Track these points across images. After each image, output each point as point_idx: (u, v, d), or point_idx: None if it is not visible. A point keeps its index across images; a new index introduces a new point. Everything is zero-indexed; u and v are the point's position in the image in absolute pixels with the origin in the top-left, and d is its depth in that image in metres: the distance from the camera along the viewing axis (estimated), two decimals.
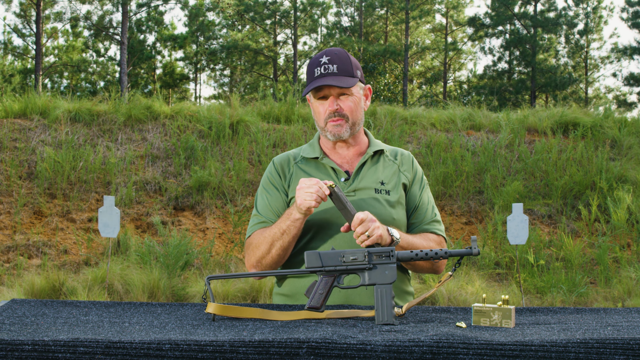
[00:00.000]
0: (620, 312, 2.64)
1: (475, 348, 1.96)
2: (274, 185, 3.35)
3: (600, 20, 40.80)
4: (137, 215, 12.15)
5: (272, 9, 37.88)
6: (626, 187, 12.86)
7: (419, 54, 42.07)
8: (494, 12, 38.96)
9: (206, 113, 14.41)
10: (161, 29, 39.09)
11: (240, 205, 12.36)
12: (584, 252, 11.81)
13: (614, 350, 1.95)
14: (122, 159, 13.06)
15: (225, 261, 11.07)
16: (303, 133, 14.20)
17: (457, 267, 2.61)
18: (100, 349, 1.93)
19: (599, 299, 10.28)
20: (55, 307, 2.69)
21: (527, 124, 15.31)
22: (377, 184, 3.27)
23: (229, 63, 40.46)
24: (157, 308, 2.72)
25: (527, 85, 38.00)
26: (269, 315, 2.52)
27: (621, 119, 15.67)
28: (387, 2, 38.30)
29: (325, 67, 3.17)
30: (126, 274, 9.90)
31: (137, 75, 39.38)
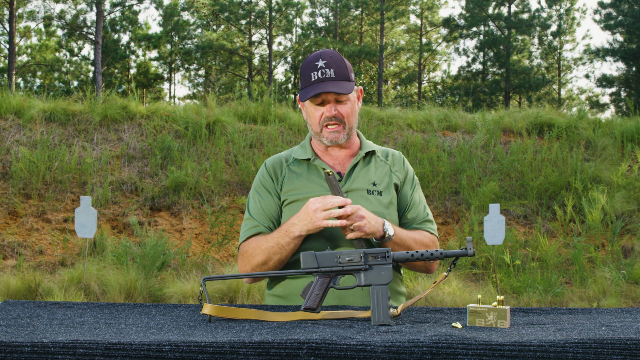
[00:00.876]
0: (612, 312, 2.66)
1: (474, 348, 1.96)
2: (266, 189, 3.34)
3: (573, 21, 41.13)
4: (113, 215, 12.08)
5: (247, 9, 37.84)
6: (600, 187, 12.95)
7: (394, 55, 42.19)
8: (468, 13, 39.16)
9: (182, 113, 14.35)
10: (135, 28, 38.96)
11: (217, 206, 12.33)
12: (560, 252, 11.88)
13: (612, 350, 1.97)
14: (98, 159, 12.98)
15: (202, 262, 11.03)
16: (280, 133, 14.19)
17: (453, 267, 2.62)
18: (100, 350, 1.91)
19: (575, 298, 10.35)
20: (49, 308, 2.67)
21: (503, 125, 15.39)
22: (369, 184, 3.28)
23: (204, 63, 40.38)
24: (152, 309, 2.71)
25: (501, 86, 38.22)
26: (264, 316, 2.51)
27: (595, 120, 15.79)
28: (362, 3, 38.38)
29: (322, 72, 3.14)
30: (103, 274, 9.83)
31: (111, 75, 39.21)
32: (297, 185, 3.28)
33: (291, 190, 3.28)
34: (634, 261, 11.35)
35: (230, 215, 12.07)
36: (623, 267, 11.17)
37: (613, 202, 12.69)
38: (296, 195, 3.25)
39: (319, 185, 3.25)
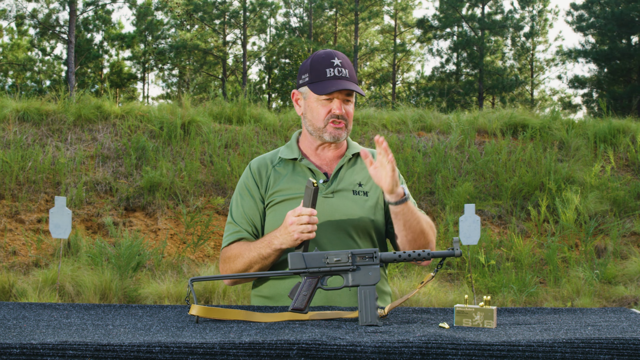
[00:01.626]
0: (597, 312, 2.68)
1: (463, 349, 1.97)
2: (249, 192, 3.34)
3: (546, 23, 41.38)
4: (87, 216, 12.01)
5: (222, 8, 37.74)
6: (574, 188, 13.05)
7: (368, 55, 42.25)
8: (442, 14, 39.30)
9: (157, 113, 14.29)
10: (109, 27, 38.74)
11: (193, 206, 12.29)
12: (534, 252, 11.95)
13: (599, 350, 1.98)
14: (72, 159, 12.90)
15: (177, 262, 11.00)
16: (255, 134, 14.17)
17: (440, 268, 2.63)
18: (89, 352, 1.90)
19: (549, 298, 10.41)
20: (34, 309, 2.66)
21: (477, 126, 15.46)
22: (355, 185, 3.29)
23: (178, 63, 40.22)
24: (138, 310, 2.69)
25: (475, 87, 38.40)
26: (252, 317, 2.51)
27: (568, 121, 15.90)
28: (337, 3, 38.40)
29: (339, 70, 3.19)
30: (77, 275, 9.78)
31: (84, 75, 38.96)
32: (283, 187, 3.28)
33: (277, 191, 3.28)
34: (607, 261, 11.44)
35: (205, 216, 12.04)
36: (596, 267, 11.26)
37: (586, 203, 12.79)
38: (282, 196, 3.26)
39: (303, 186, 3.24)
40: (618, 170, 14.26)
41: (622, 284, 10.83)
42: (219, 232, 12.04)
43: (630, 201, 13.14)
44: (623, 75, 38.26)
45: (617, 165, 14.44)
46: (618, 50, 37.21)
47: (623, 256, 11.90)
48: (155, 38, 39.67)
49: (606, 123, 15.30)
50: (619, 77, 38.50)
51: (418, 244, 3.17)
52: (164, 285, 9.65)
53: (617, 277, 11.08)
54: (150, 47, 39.34)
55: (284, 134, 14.34)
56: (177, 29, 39.79)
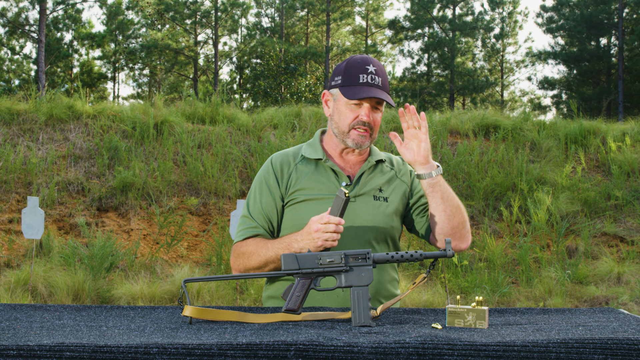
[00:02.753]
0: (585, 313, 2.71)
1: (459, 349, 1.99)
2: (268, 188, 3.32)
3: (516, 24, 41.74)
4: (59, 216, 11.92)
5: (193, 8, 37.65)
6: (545, 188, 13.14)
7: (340, 56, 42.30)
8: (414, 15, 39.47)
9: (129, 113, 14.21)
10: (79, 27, 38.49)
11: (166, 206, 12.24)
12: (506, 252, 12.02)
13: (593, 350, 2.01)
14: (44, 159, 12.79)
15: (150, 262, 10.95)
16: (228, 134, 14.14)
17: (432, 269, 2.65)
18: (87, 353, 1.89)
19: (521, 298, 10.48)
20: (25, 311, 2.64)
21: (450, 126, 15.52)
22: (376, 190, 3.31)
23: (149, 62, 40.06)
24: (130, 311, 2.69)
25: (446, 88, 38.59)
26: (245, 318, 2.51)
27: (540, 122, 16.00)
28: (308, 4, 38.43)
29: (372, 77, 3.19)
30: (50, 276, 9.71)
31: (54, 74, 38.68)
32: (305, 185, 3.28)
33: (299, 190, 3.27)
34: (578, 261, 11.54)
35: (179, 216, 11.99)
36: (568, 267, 11.36)
37: (558, 203, 12.89)
38: (304, 195, 3.26)
39: (326, 187, 3.26)
40: (589, 171, 14.38)
41: (593, 284, 10.93)
42: (192, 232, 12.00)
43: (600, 202, 13.26)
44: (592, 77, 38.64)
45: (588, 166, 14.57)
46: (587, 52, 37.58)
47: (594, 256, 12.01)
48: (125, 37, 39.50)
49: (577, 124, 15.42)
50: (588, 78, 38.89)
51: (457, 219, 3.20)
52: (138, 285, 9.61)
53: (588, 277, 11.18)
54: (121, 46, 39.16)
55: (257, 134, 14.32)
56: (148, 29, 39.64)
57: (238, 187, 12.82)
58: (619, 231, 12.70)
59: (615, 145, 14.77)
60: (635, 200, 13.32)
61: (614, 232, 12.68)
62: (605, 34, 38.08)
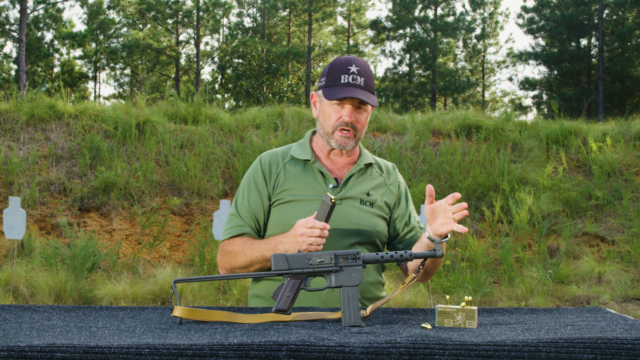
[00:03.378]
0: (573, 312, 2.73)
1: (450, 349, 2.00)
2: (256, 187, 3.34)
3: (497, 25, 41.91)
4: (41, 216, 11.87)
5: (175, 8, 37.56)
6: (527, 188, 13.20)
7: (322, 56, 42.33)
8: (395, 16, 39.54)
9: (111, 113, 14.16)
10: (59, 26, 38.31)
11: (148, 207, 12.20)
12: (488, 252, 12.07)
13: (583, 349, 2.02)
14: (25, 159, 12.73)
15: (132, 263, 10.92)
16: (211, 134, 14.11)
17: (421, 269, 2.66)
18: (78, 354, 1.88)
19: (503, 298, 10.53)
20: (14, 311, 2.63)
21: (432, 127, 15.56)
22: (363, 194, 3.31)
23: (130, 62, 39.92)
24: (119, 312, 2.68)
25: (428, 88, 38.68)
26: (235, 318, 2.51)
27: (521, 123, 16.07)
28: (290, 4, 38.43)
29: (354, 77, 3.18)
30: (31, 276, 9.66)
31: (34, 74, 38.50)
32: (292, 186, 3.29)
33: (285, 190, 3.29)
34: (559, 261, 11.60)
35: (161, 216, 11.96)
36: (549, 267, 11.41)
37: (539, 203, 12.95)
38: (290, 196, 3.27)
39: (313, 188, 3.27)
40: (570, 172, 14.46)
41: (574, 283, 10.99)
42: (175, 232, 11.98)
43: (581, 202, 13.33)
44: (572, 77, 38.85)
45: (569, 166, 14.65)
46: (568, 52, 37.79)
47: (575, 256, 12.07)
48: (107, 37, 39.37)
49: (558, 125, 15.50)
50: (569, 79, 39.10)
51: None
52: (120, 286, 9.57)
53: (569, 276, 11.24)
54: (102, 46, 39.02)
55: (239, 134, 14.30)
56: (130, 28, 39.50)
57: (221, 187, 12.81)
58: (600, 231, 12.78)
59: (596, 145, 14.85)
60: (616, 200, 13.41)
61: (595, 232, 12.75)
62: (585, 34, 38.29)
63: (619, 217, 13.03)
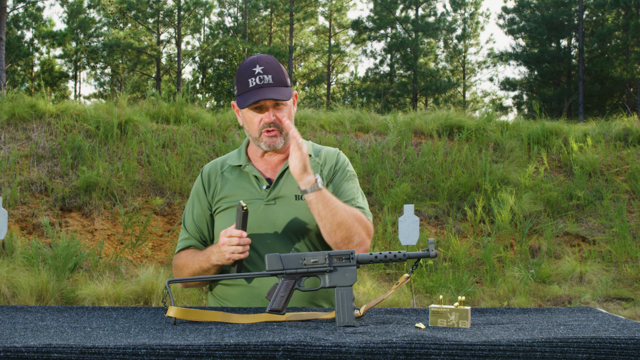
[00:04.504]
0: (564, 312, 2.74)
1: (446, 349, 2.01)
2: (199, 199, 3.40)
3: (477, 26, 42.06)
4: (22, 216, 11.80)
5: (156, 7, 37.47)
6: (509, 188, 13.25)
7: (303, 56, 42.35)
8: (377, 16, 39.61)
9: (93, 112, 14.10)
10: (39, 25, 38.12)
11: (130, 206, 12.16)
12: (470, 252, 12.11)
13: (577, 349, 2.04)
14: (6, 159, 12.66)
15: (115, 263, 10.88)
16: (193, 134, 14.09)
17: (415, 269, 2.67)
18: (74, 354, 1.88)
19: (486, 297, 10.56)
20: (6, 312, 2.63)
21: (414, 127, 15.59)
22: (297, 190, 3.23)
23: (111, 61, 39.77)
24: (112, 312, 2.68)
25: (409, 88, 38.76)
26: (229, 319, 2.51)
27: (503, 123, 16.14)
28: (272, 4, 38.41)
29: (260, 78, 3.15)
30: (13, 276, 9.61)
31: (14, 73, 38.28)
32: (228, 193, 3.30)
33: (222, 198, 3.31)
34: (541, 261, 11.65)
35: (143, 216, 11.93)
36: (531, 267, 11.46)
37: (521, 203, 13.01)
38: (227, 203, 3.29)
39: (248, 192, 3.27)
40: (551, 172, 14.53)
41: (556, 283, 11.04)
42: (157, 232, 11.95)
43: (563, 202, 13.40)
44: (553, 78, 39.05)
45: (550, 166, 14.72)
46: (548, 53, 37.99)
47: (557, 256, 12.14)
48: (87, 36, 39.21)
49: (539, 125, 15.57)
50: (549, 79, 39.30)
51: (338, 236, 3.09)
52: (102, 286, 9.53)
53: (551, 276, 11.29)
54: (82, 45, 38.85)
55: (221, 134, 14.29)
56: (110, 27, 39.36)
57: None
58: (581, 231, 12.85)
59: (577, 145, 14.94)
60: (597, 201, 13.49)
61: (576, 232, 12.82)
62: (565, 35, 38.52)
63: (599, 217, 13.11)
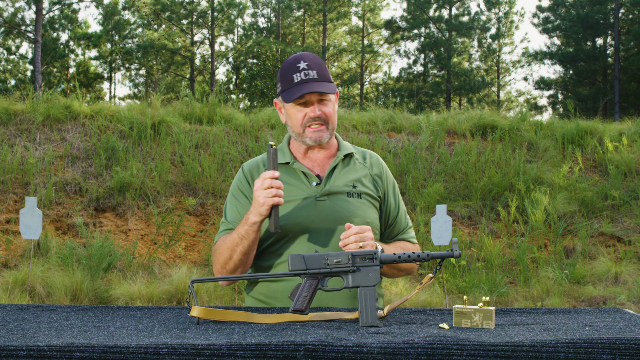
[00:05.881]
0: (591, 313, 2.71)
1: (468, 349, 1.99)
2: (243, 193, 3.35)
3: (512, 25, 41.76)
4: (57, 216, 11.91)
5: (189, 8, 37.62)
6: (543, 188, 13.16)
7: (336, 56, 42.32)
8: (410, 16, 39.48)
9: (127, 113, 14.20)
10: (75, 27, 38.46)
11: (163, 207, 12.23)
12: (504, 252, 12.03)
13: (602, 350, 2.01)
14: (41, 159, 12.78)
15: (148, 263, 10.94)
16: (226, 134, 14.13)
17: (439, 269, 2.65)
18: (97, 354, 1.89)
19: (519, 298, 10.49)
20: (32, 311, 2.65)
21: (447, 127, 15.52)
22: (349, 187, 3.29)
23: (145, 63, 40.02)
24: (137, 312, 2.69)
25: (442, 88, 38.60)
26: (252, 318, 2.51)
27: (537, 122, 16.02)
28: (305, 4, 38.43)
29: (305, 73, 3.17)
30: (47, 276, 9.70)
31: (50, 74, 38.65)
32: None
33: None
34: (575, 261, 11.55)
35: (176, 216, 11.99)
36: (565, 267, 11.37)
37: (555, 203, 12.90)
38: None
39: (298, 189, 3.26)
40: (586, 171, 14.41)
41: (590, 283, 10.95)
42: (190, 232, 12.00)
43: (597, 202, 13.28)
44: (588, 77, 38.69)
45: (585, 166, 14.59)
46: (583, 52, 37.63)
47: (591, 256, 12.03)
48: (122, 38, 39.48)
49: (574, 124, 15.45)
50: (584, 79, 38.94)
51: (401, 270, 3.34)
52: (135, 286, 9.60)
53: (585, 277, 11.19)
54: (117, 46, 39.12)
55: (254, 134, 14.32)
56: (145, 29, 39.59)
57: None
58: (616, 231, 12.72)
59: (612, 145, 14.79)
60: (632, 200, 13.35)
61: (611, 232, 12.70)
62: (601, 34, 38.14)
63: (635, 217, 12.97)
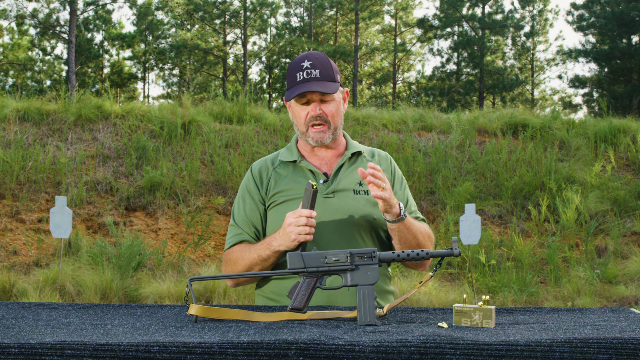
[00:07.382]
0: (595, 312, 2.68)
1: (462, 348, 1.98)
2: (250, 195, 3.37)
3: (546, 22, 41.38)
4: (88, 215, 12.01)
5: (222, 8, 37.73)
6: (574, 187, 13.04)
7: (369, 55, 42.24)
8: (443, 14, 39.29)
9: (157, 113, 14.29)
10: (109, 27, 38.75)
11: (193, 206, 12.29)
12: (534, 252, 11.95)
13: (597, 349, 1.99)
14: (73, 159, 12.90)
15: (178, 262, 11.00)
16: (255, 133, 14.17)
17: (438, 267, 2.64)
18: (87, 351, 1.90)
19: (550, 298, 10.41)
20: (33, 309, 2.66)
21: (478, 125, 15.45)
22: (356, 185, 3.29)
23: (178, 62, 40.21)
24: (137, 310, 2.70)
25: (475, 87, 38.38)
26: (251, 317, 2.52)
27: (569, 121, 15.89)
28: (337, 3, 38.40)
29: (307, 72, 3.18)
30: (78, 275, 9.78)
31: (84, 74, 38.97)
32: (284, 187, 3.30)
33: (278, 192, 3.30)
34: (607, 261, 11.44)
35: (206, 216, 12.04)
36: (597, 267, 11.26)
37: (587, 202, 12.79)
38: (283, 197, 3.28)
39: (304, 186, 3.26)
40: (618, 170, 14.26)
41: (622, 283, 10.83)
42: (220, 231, 12.04)
43: (630, 201, 13.14)
44: (623, 74, 38.27)
45: (618, 165, 14.45)
46: (618, 49, 37.22)
47: (624, 256, 11.90)
48: (155, 38, 39.69)
49: (606, 123, 15.30)
50: (620, 76, 38.51)
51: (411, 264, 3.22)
52: (165, 285, 9.65)
53: (617, 276, 11.08)
54: (151, 46, 39.34)
55: (284, 133, 14.34)
56: (178, 29, 39.76)
57: None
58: None
59: None
60: None
61: None
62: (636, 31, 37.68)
63: None
